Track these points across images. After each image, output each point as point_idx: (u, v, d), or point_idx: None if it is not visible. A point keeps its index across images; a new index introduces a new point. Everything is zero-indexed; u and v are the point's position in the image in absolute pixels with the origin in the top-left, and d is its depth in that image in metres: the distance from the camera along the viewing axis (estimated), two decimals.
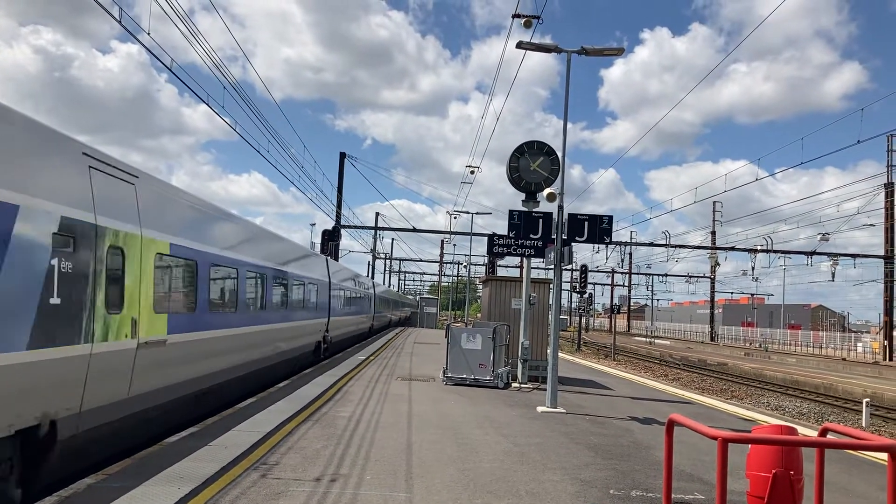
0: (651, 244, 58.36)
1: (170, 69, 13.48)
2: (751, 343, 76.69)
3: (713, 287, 77.50)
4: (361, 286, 35.27)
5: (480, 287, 28.42)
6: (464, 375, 16.22)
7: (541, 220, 13.99)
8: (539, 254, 14.61)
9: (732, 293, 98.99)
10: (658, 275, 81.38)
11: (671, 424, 5.56)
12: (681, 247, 56.48)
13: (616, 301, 70.12)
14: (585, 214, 13.67)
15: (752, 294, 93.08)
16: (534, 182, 16.10)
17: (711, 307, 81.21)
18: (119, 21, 11.24)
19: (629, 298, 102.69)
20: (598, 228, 13.56)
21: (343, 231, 44.95)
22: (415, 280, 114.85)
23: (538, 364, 17.47)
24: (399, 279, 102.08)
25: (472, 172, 40.16)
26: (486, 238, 16.32)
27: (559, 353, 15.11)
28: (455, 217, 49.73)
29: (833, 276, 52.27)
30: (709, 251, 62.18)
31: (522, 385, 16.58)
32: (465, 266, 63.19)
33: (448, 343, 16.49)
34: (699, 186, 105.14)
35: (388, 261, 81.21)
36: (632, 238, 68.85)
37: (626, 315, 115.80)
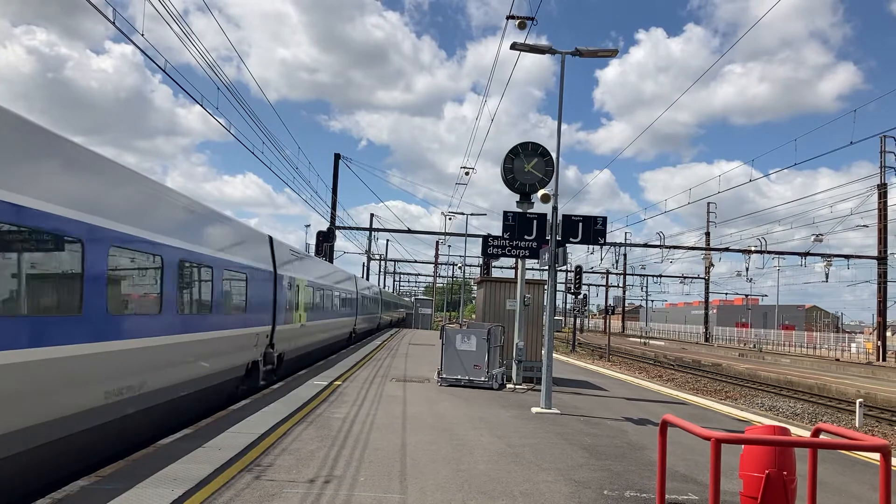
0: (646, 245, 58.45)
1: (164, 70, 13.47)
2: (745, 344, 76.90)
3: (707, 288, 77.67)
4: (337, 281, 28.13)
5: (475, 288, 28.27)
6: (458, 376, 16.22)
7: (535, 222, 14.00)
8: (534, 255, 14.64)
9: (727, 294, 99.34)
10: (652, 276, 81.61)
11: (665, 425, 5.57)
12: (675, 248, 56.60)
13: (611, 302, 70.36)
14: (580, 215, 13.68)
15: (747, 295, 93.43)
16: (528, 183, 16.12)
17: (706, 308, 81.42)
18: (113, 22, 11.21)
19: (624, 299, 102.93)
20: (593, 229, 13.57)
21: (338, 232, 44.89)
22: (410, 281, 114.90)
23: (533, 365, 17.49)
24: (394, 280, 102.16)
25: (467, 173, 40.20)
26: (481, 239, 16.33)
27: (554, 354, 15.13)
28: (450, 218, 49.73)
29: (827, 277, 52.33)
30: (703, 252, 62.34)
31: (517, 386, 16.59)
32: (460, 267, 63.27)
33: (443, 344, 16.49)
34: (694, 187, 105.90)
35: (384, 262, 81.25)
36: (626, 239, 69.01)
37: (621, 316, 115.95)
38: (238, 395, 13.56)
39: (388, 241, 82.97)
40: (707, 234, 67.74)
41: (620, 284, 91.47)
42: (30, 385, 6.42)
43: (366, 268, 68.88)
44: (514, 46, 13.99)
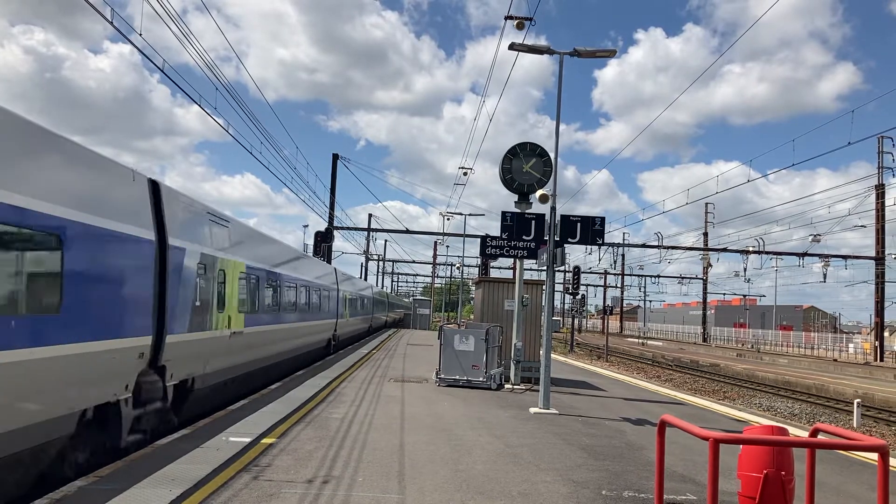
0: (644, 245, 58.51)
1: (162, 70, 13.46)
2: (743, 344, 76.98)
3: (705, 288, 77.75)
4: (304, 271, 20.66)
5: (473, 288, 28.27)
6: (457, 377, 16.21)
7: (533, 222, 14.01)
8: (532, 255, 14.65)
9: (725, 294, 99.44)
10: (651, 276, 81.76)
11: (663, 425, 5.57)
12: (673, 248, 56.64)
13: (609, 302, 70.34)
14: (578, 216, 13.69)
15: (745, 295, 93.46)
16: (526, 183, 16.13)
17: (704, 308, 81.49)
18: (111, 22, 11.20)
19: (622, 300, 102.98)
20: (591, 230, 13.58)
21: (336, 233, 44.89)
22: (408, 282, 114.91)
23: (531, 365, 17.49)
24: (392, 280, 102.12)
25: (465, 174, 40.21)
26: (480, 239, 16.34)
27: (552, 355, 15.13)
28: (448, 219, 49.71)
29: (825, 278, 52.47)
30: (701, 252, 62.40)
31: (515, 386, 16.59)
32: (458, 267, 63.26)
33: (441, 344, 16.49)
34: (692, 188, 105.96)
35: (382, 262, 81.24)
36: (624, 239, 69.16)
37: (619, 316, 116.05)
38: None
39: (387, 242, 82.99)
40: (705, 235, 67.80)
41: (618, 285, 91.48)
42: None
43: (364, 268, 68.89)
44: (513, 47, 13.99)
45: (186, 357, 10.46)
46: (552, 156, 14.91)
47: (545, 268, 13.65)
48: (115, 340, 8.09)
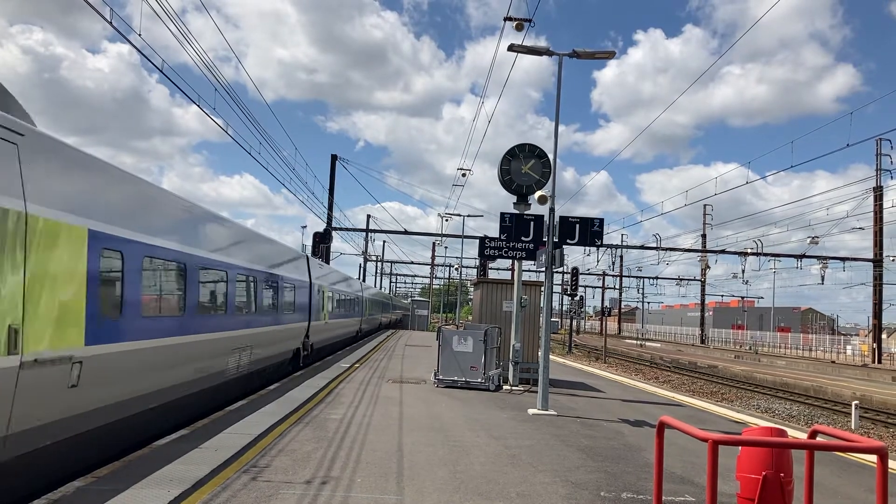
0: (642, 247, 58.59)
1: (160, 70, 13.45)
2: (741, 346, 77.03)
3: (703, 290, 77.80)
4: (259, 260, 15.03)
5: (472, 289, 28.16)
6: (455, 378, 16.21)
7: (532, 223, 14.01)
8: (530, 256, 14.63)
9: (723, 296, 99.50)
10: (649, 277, 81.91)
11: (662, 426, 5.57)
12: (672, 250, 56.70)
13: (607, 304, 70.27)
14: (577, 217, 13.69)
15: (743, 297, 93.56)
16: (525, 185, 16.12)
17: (702, 310, 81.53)
18: (110, 21, 11.19)
19: (620, 301, 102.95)
20: (590, 231, 13.58)
21: (335, 233, 44.86)
22: (406, 283, 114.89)
23: (529, 366, 17.48)
24: (391, 282, 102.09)
25: (464, 175, 40.21)
26: (478, 240, 16.32)
27: (550, 356, 15.13)
28: (447, 220, 49.73)
29: (823, 279, 52.52)
30: (699, 254, 62.42)
31: (514, 387, 16.59)
32: (457, 268, 63.24)
33: (439, 345, 16.48)
34: (691, 189, 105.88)
35: (380, 263, 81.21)
36: (623, 241, 69.11)
37: (617, 318, 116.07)
38: None
39: (385, 243, 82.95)
40: (703, 237, 67.87)
41: (617, 286, 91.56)
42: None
43: (362, 269, 68.84)
44: (512, 48, 14.00)
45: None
46: (551, 157, 14.90)
47: (544, 269, 13.65)
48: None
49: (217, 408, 12.14)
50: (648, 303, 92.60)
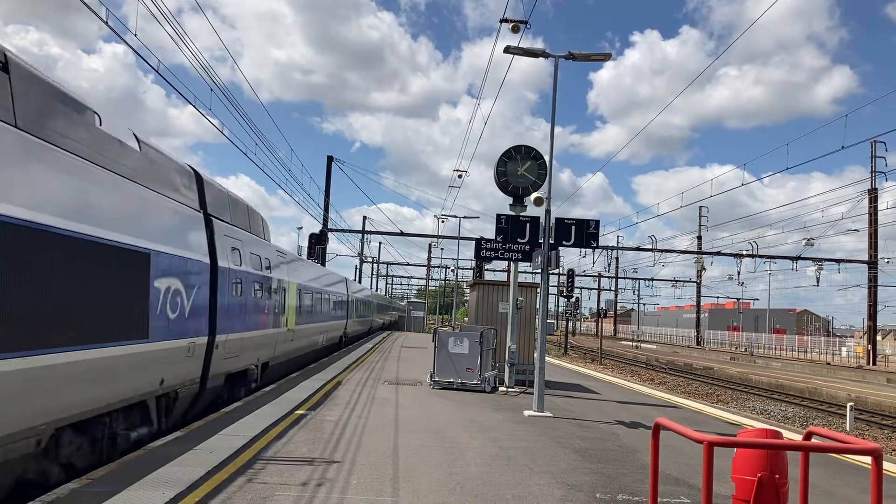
0: (638, 248, 58.58)
1: (156, 70, 13.41)
2: (736, 347, 77.17)
3: (699, 291, 77.92)
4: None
5: (468, 291, 28.15)
6: (451, 379, 16.20)
7: (528, 225, 14.03)
8: (526, 258, 14.64)
9: (718, 298, 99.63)
10: (645, 279, 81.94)
11: (657, 428, 5.57)
12: (667, 251, 56.76)
13: (603, 305, 70.26)
14: (573, 219, 13.71)
15: (738, 299, 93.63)
16: (521, 186, 16.15)
17: (697, 311, 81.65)
18: (105, 21, 11.16)
19: (616, 303, 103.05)
20: (585, 233, 13.60)
21: (331, 235, 44.81)
22: (402, 284, 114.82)
23: (525, 368, 17.48)
24: (387, 283, 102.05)
25: (460, 176, 40.23)
26: (474, 242, 16.33)
27: (546, 357, 15.14)
28: (443, 221, 49.74)
29: (818, 281, 52.58)
30: (695, 256, 62.54)
31: (509, 389, 16.59)
32: (453, 270, 63.23)
33: (435, 347, 16.48)
34: (686, 191, 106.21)
35: (376, 265, 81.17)
36: (619, 242, 69.07)
37: (613, 319, 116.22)
38: None
39: (381, 244, 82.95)
40: (699, 238, 68.00)
41: (613, 288, 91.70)
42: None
43: (358, 270, 68.80)
44: (508, 50, 14.01)
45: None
46: (547, 159, 14.93)
47: (539, 270, 13.66)
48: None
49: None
50: (644, 304, 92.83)
